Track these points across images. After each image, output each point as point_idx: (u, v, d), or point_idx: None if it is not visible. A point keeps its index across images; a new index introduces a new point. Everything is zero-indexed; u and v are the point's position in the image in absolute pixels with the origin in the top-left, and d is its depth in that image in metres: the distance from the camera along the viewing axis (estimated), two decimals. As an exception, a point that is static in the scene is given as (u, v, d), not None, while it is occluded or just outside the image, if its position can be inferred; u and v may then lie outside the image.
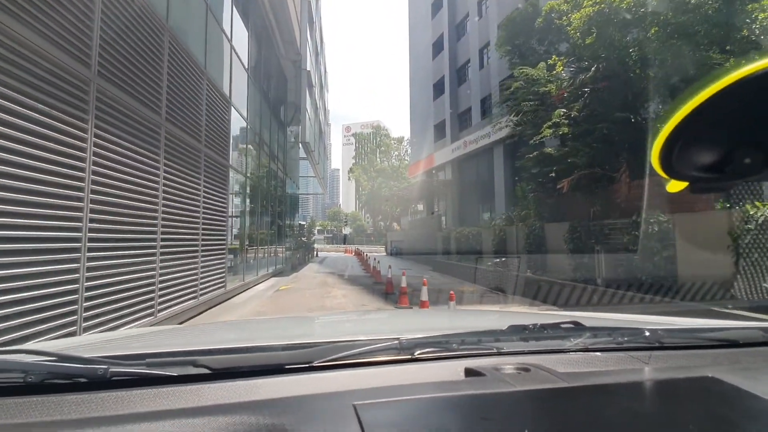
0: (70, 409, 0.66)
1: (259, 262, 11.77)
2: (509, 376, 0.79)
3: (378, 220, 65.33)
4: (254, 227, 11.86)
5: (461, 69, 23.71)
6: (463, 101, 23.09)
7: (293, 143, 21.42)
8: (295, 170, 22.10)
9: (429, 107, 26.71)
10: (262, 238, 12.63)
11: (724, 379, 0.77)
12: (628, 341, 0.99)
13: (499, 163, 18.60)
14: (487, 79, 20.03)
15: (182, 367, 0.79)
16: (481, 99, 21.00)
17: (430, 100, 26.61)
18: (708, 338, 1.06)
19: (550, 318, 1.31)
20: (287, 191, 18.97)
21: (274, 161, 13.69)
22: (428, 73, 26.87)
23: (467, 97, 22.45)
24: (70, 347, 1.11)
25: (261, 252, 12.34)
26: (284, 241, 16.26)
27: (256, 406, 0.68)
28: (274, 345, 0.99)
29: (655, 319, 1.50)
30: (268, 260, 12.81)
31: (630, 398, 0.74)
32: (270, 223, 13.56)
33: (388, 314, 3.16)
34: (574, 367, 0.88)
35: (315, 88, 18.73)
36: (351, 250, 35.16)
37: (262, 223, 13.12)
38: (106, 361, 0.77)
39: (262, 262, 12.19)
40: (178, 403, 0.69)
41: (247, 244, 11.42)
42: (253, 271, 11.13)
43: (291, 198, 23.58)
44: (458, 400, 0.71)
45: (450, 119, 23.78)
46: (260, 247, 12.27)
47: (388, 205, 59.41)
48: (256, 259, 11.51)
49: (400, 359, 0.89)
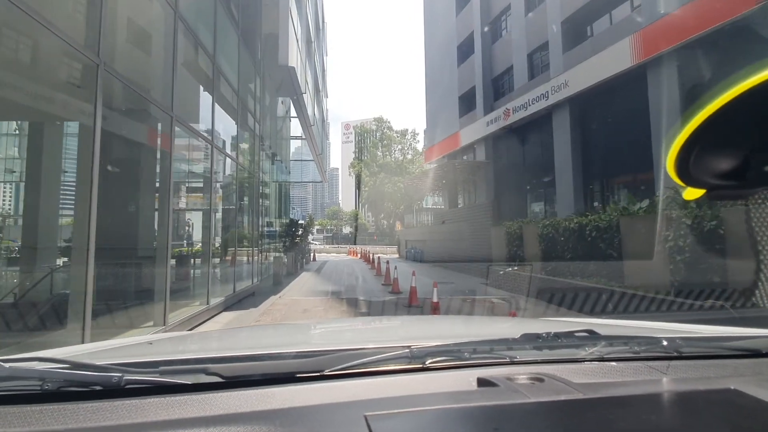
0: (85, 417, 0.67)
1: (216, 278, 6.81)
2: (523, 387, 0.77)
3: (381, 218, 63.97)
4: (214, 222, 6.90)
5: (496, 21, 18.69)
6: (500, 61, 18.07)
7: (284, 117, 16.43)
8: (284, 150, 17.07)
9: (451, 76, 21.68)
10: (230, 238, 7.67)
11: (747, 391, 0.74)
12: (645, 351, 0.96)
13: (562, 134, 13.55)
14: (540, 23, 15.00)
15: (194, 375, 0.79)
16: (529, 53, 15.99)
17: (453, 66, 21.58)
18: (729, 347, 1.02)
19: (564, 325, 1.32)
20: (273, 177, 14.00)
21: (245, 117, 8.67)
22: (450, 32, 21.84)
23: (506, 55, 17.42)
24: (83, 354, 1.13)
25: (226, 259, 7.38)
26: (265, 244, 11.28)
27: (268, 415, 0.68)
28: (285, 353, 0.99)
29: (673, 326, 1.42)
30: (236, 272, 7.82)
31: (648, 411, 0.70)
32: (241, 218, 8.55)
33: (400, 321, 2.77)
34: (589, 378, 0.85)
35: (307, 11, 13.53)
36: (355, 252, 30.12)
37: (229, 219, 8.17)
38: (120, 368, 0.78)
39: (224, 275, 7.21)
40: (191, 412, 0.69)
41: (193, 249, 6.50)
42: (199, 297, 6.14)
43: (282, 188, 18.57)
44: (471, 412, 0.70)
45: (482, 86, 18.73)
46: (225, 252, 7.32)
47: (392, 202, 56.49)
48: (210, 273, 6.52)
49: (412, 368, 0.88)
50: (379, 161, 60.72)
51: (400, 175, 54.60)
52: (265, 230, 13.98)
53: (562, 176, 13.44)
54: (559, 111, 13.70)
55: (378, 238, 57.31)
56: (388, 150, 62.50)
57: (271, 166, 14.17)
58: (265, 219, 13.93)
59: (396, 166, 58.52)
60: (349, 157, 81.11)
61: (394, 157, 61.10)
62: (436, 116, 23.95)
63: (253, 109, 9.32)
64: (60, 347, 1.24)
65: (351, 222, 71.09)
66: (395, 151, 62.13)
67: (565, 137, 13.44)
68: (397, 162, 59.46)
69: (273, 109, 14.39)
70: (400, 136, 62.89)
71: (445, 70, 22.59)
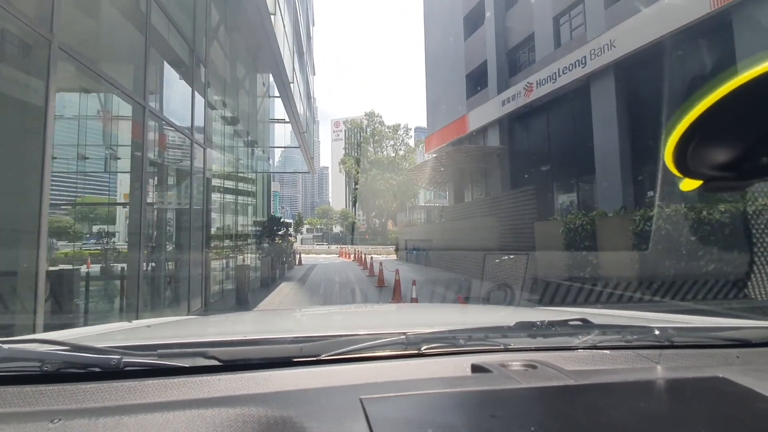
0: (84, 398, 0.67)
1: (115, 306, 4.08)
2: (516, 373, 0.77)
3: (372, 216, 62.36)
4: (143, 219, 4.19)
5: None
6: (517, 30, 15.49)
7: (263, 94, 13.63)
8: (263, 135, 14.26)
9: (457, 52, 19.06)
10: (182, 242, 4.93)
11: (736, 380, 0.75)
12: (637, 339, 0.96)
13: (604, 107, 10.97)
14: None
15: (193, 358, 0.79)
16: (555, 16, 13.43)
17: (458, 40, 18.95)
18: (720, 337, 1.02)
19: (559, 314, 1.30)
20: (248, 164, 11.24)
21: (197, 76, 5.81)
22: (455, 2, 19.19)
23: (524, 22, 14.82)
24: (83, 337, 1.12)
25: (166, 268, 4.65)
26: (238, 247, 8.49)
27: (264, 398, 0.68)
28: (283, 338, 0.99)
29: (665, 317, 1.41)
30: (172, 291, 5.02)
31: (639, 398, 0.71)
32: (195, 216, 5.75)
33: (396, 307, 2.90)
34: (581, 365, 0.85)
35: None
36: (348, 253, 27.33)
37: (168, 217, 5.41)
38: (119, 351, 0.77)
39: (130, 302, 4.42)
40: (188, 394, 0.69)
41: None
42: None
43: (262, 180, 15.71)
44: (465, 397, 0.71)
45: (496, 60, 16.12)
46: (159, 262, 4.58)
47: (384, 200, 54.74)
48: (123, 295, 3.75)
49: (407, 354, 0.88)
50: (370, 157, 58.59)
51: (393, 172, 53.14)
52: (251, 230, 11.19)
53: (604, 160, 10.86)
54: (600, 80, 11.13)
55: (370, 237, 55.55)
56: (380, 146, 61.06)
57: (245, 151, 11.34)
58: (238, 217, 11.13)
59: (388, 162, 56.55)
60: (340, 154, 79.04)
61: (386, 154, 59.27)
62: (439, 99, 21.28)
63: (203, 54, 6.52)
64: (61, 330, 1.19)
65: (341, 221, 69.68)
66: (387, 147, 60.73)
67: (607, 111, 10.86)
68: (389, 158, 57.50)
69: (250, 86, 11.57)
70: (392, 132, 61.97)
71: (449, 46, 19.93)
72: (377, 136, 61.75)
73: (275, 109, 15.50)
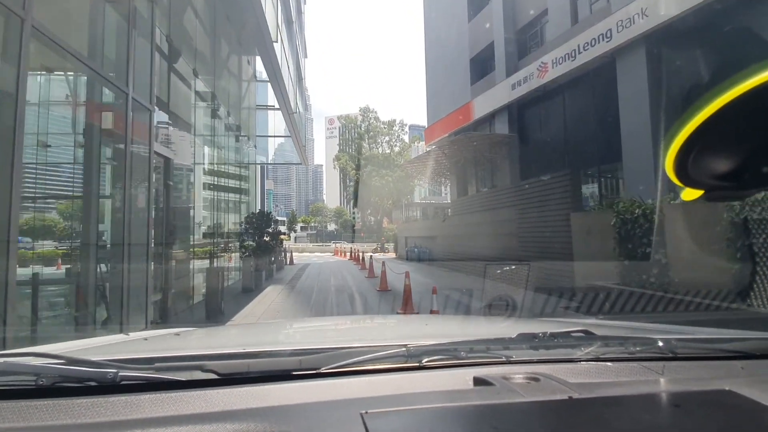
0: (80, 413, 0.65)
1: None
2: (519, 386, 0.76)
3: (367, 214, 61.49)
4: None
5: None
6: (526, 7, 14.24)
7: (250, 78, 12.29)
8: (249, 121, 12.90)
9: (460, 35, 17.77)
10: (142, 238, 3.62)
11: (741, 392, 0.73)
12: (640, 351, 0.95)
13: (633, 86, 9.71)
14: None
15: (190, 371, 0.78)
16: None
17: (462, 23, 17.65)
18: (724, 349, 1.00)
19: (561, 326, 1.28)
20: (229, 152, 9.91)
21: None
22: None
23: None
24: (79, 350, 1.10)
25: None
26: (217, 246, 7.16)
27: (263, 412, 0.66)
28: (282, 350, 0.98)
29: (667, 328, 1.38)
30: (95, 311, 3.69)
31: (643, 410, 0.70)
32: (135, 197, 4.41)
33: (396, 320, 2.84)
34: (584, 378, 0.83)
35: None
36: (343, 252, 26.01)
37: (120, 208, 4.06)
38: (115, 364, 0.76)
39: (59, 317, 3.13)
40: (186, 409, 0.67)
41: None
42: None
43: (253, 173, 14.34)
44: (467, 411, 0.70)
45: (504, 41, 14.84)
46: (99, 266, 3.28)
47: (379, 197, 53.74)
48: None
49: (408, 366, 0.86)
50: (365, 153, 57.66)
51: (389, 168, 51.95)
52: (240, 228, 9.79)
53: (632, 145, 9.62)
54: (629, 55, 9.88)
55: (365, 235, 54.41)
56: (375, 142, 60.28)
57: (226, 138, 9.97)
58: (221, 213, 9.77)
59: (383, 158, 55.45)
60: (334, 152, 77.96)
61: (382, 150, 58.51)
62: (441, 88, 19.97)
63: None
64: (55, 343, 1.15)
65: (335, 219, 68.76)
66: (382, 143, 59.72)
67: (637, 89, 9.60)
68: (385, 155, 56.52)
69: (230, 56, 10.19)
70: (388, 128, 61.21)
71: (451, 29, 18.62)
72: (372, 132, 60.95)
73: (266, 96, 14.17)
